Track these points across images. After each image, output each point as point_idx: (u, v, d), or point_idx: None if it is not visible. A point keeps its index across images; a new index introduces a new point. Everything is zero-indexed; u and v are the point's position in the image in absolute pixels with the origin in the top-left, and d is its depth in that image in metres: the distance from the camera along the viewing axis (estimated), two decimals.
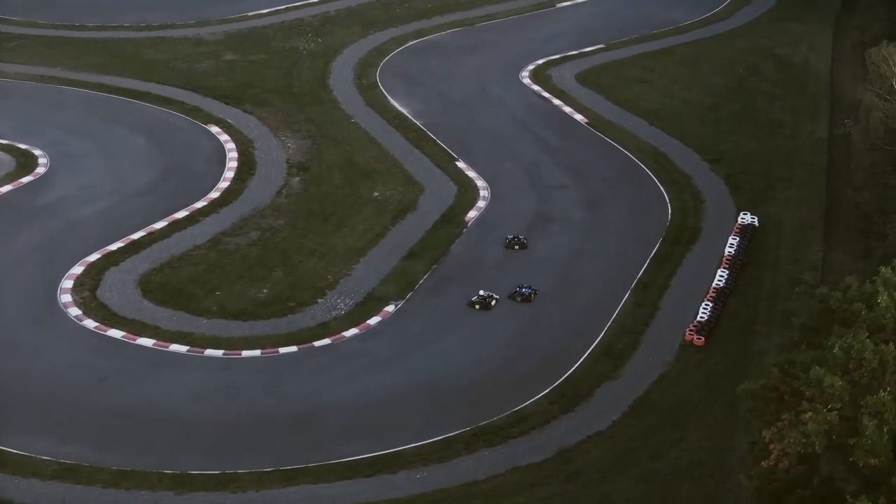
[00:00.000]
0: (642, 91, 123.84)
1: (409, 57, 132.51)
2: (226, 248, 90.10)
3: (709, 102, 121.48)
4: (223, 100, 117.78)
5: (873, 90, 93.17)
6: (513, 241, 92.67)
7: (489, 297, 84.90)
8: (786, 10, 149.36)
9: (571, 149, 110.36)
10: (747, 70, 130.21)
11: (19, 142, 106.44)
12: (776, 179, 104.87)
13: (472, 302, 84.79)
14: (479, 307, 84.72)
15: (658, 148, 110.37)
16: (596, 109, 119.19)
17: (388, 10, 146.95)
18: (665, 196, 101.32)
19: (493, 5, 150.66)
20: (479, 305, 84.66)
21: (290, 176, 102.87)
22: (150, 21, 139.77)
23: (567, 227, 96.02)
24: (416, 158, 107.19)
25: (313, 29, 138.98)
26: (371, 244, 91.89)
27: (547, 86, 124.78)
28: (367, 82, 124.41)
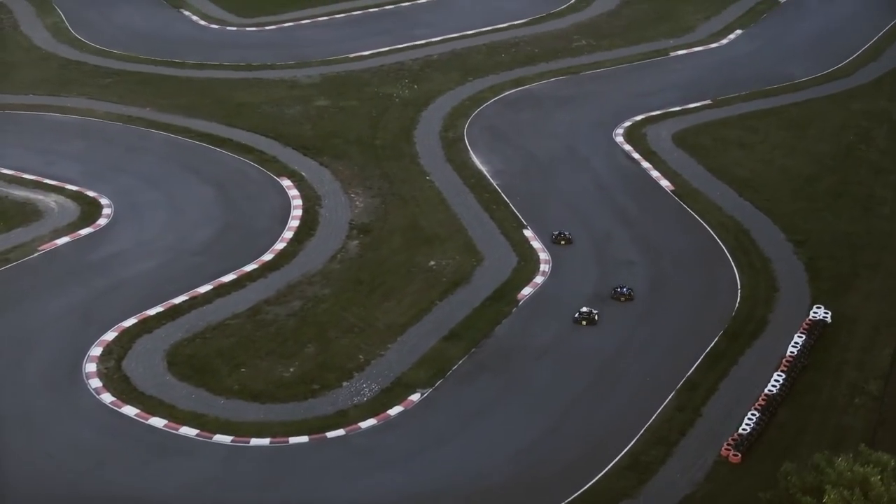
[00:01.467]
0: (740, 156, 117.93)
1: (502, 108, 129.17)
2: (264, 318, 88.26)
3: (808, 172, 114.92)
4: (303, 150, 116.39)
5: None
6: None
7: (590, 312, 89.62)
8: None
9: (649, 220, 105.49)
10: (857, 136, 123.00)
11: (89, 188, 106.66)
12: (862, 266, 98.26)
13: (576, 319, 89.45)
14: (585, 322, 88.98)
15: (742, 224, 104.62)
16: (685, 175, 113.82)
17: (493, 54, 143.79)
18: (737, 281, 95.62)
19: (605, 52, 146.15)
20: (586, 321, 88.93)
21: (350, 239, 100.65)
22: (251, 60, 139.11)
23: (623, 311, 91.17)
24: (483, 224, 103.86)
25: (412, 74, 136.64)
26: (413, 320, 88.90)
27: (639, 146, 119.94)
28: (452, 135, 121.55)
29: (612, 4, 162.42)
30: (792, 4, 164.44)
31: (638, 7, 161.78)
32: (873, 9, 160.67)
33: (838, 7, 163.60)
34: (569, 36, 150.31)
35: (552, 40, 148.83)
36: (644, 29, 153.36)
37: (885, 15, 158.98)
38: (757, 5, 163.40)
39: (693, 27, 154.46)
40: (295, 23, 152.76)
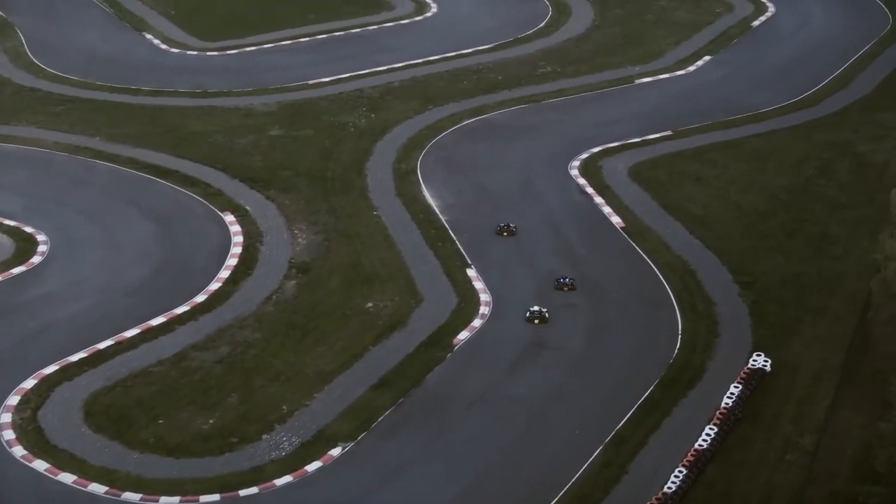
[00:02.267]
0: (695, 191, 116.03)
1: (460, 138, 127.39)
2: (189, 364, 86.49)
3: (763, 208, 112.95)
4: (250, 182, 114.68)
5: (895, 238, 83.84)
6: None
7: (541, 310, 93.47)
8: (883, 98, 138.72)
9: (596, 259, 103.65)
10: (818, 170, 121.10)
11: (27, 224, 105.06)
12: (808, 310, 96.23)
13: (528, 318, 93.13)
14: (537, 321, 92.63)
15: (689, 264, 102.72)
16: (638, 211, 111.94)
17: (455, 81, 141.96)
18: (679, 326, 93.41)
19: (569, 79, 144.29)
20: (538, 319, 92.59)
21: (287, 279, 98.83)
22: (208, 86, 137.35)
23: (559, 358, 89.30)
24: (427, 262, 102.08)
25: (370, 102, 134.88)
26: (343, 367, 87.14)
27: (594, 179, 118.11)
28: (405, 167, 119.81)
29: (581, 28, 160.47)
30: (765, 29, 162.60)
31: (608, 31, 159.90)
32: (848, 34, 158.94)
33: (812, 32, 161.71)
34: (534, 62, 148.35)
35: (517, 66, 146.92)
36: (612, 54, 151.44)
37: (858, 40, 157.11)
38: (729, 29, 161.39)
39: (662, 53, 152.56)
40: (257, 47, 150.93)
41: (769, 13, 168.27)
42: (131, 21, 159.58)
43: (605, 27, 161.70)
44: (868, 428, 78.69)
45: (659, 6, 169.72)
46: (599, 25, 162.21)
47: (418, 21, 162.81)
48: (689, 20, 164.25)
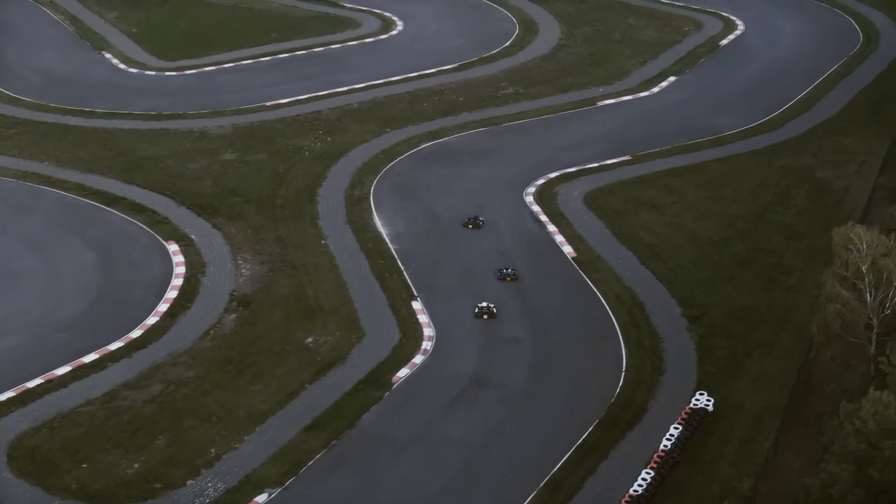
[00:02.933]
0: (650, 219, 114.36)
1: (416, 163, 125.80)
2: (119, 405, 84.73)
3: (718, 237, 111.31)
4: (198, 209, 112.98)
5: (836, 277, 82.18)
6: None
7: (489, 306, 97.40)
8: (847, 121, 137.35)
9: (545, 290, 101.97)
10: (776, 196, 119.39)
11: None
12: (756, 345, 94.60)
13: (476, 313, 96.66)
14: (486, 316, 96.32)
15: (639, 296, 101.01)
16: (591, 240, 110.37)
17: (415, 103, 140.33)
18: (623, 362, 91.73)
19: (531, 101, 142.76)
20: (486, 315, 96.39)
21: (228, 312, 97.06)
22: (164, 108, 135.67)
23: (499, 396, 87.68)
24: (373, 294, 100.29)
25: (327, 125, 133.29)
26: (277, 407, 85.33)
27: (549, 207, 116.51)
28: (358, 193, 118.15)
29: (547, 47, 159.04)
30: (733, 48, 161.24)
31: (574, 51, 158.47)
32: (817, 52, 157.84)
33: (781, 50, 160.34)
34: (497, 83, 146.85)
35: (479, 87, 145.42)
36: (576, 75, 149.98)
37: (827, 59, 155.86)
38: (696, 48, 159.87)
39: (627, 73, 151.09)
40: (217, 66, 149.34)
41: (738, 31, 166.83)
42: (92, 39, 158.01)
43: (572, 46, 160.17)
44: (808, 472, 76.91)
45: (627, 24, 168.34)
46: (566, 44, 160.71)
47: (383, 39, 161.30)
48: (657, 39, 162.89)
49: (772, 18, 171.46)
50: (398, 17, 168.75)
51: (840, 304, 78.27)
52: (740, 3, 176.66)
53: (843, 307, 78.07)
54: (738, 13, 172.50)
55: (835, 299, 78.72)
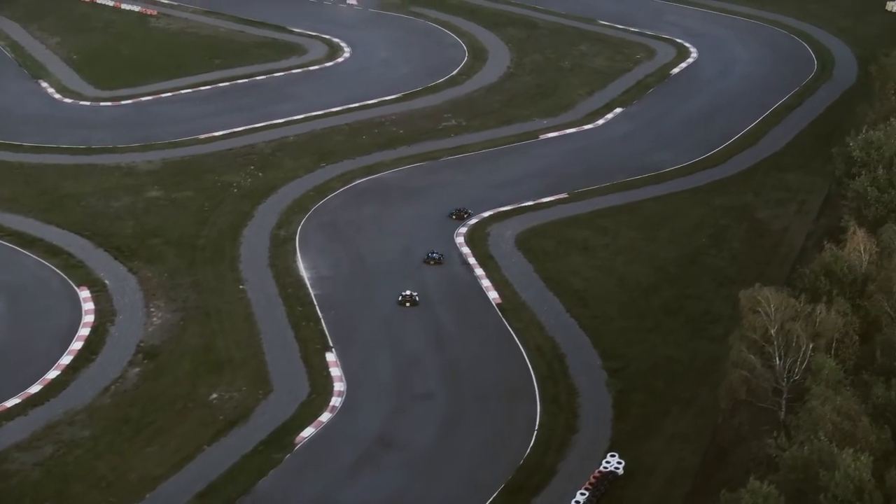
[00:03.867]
0: (580, 262, 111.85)
1: (348, 200, 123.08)
2: (8, 468, 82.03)
3: (647, 282, 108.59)
4: (115, 252, 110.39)
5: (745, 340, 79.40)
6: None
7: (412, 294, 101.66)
8: (792, 156, 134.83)
9: (464, 340, 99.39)
10: (711, 238, 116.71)
11: None
12: (675, 401, 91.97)
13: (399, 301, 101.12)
14: (408, 304, 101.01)
15: (560, 347, 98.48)
16: (518, 285, 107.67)
17: (354, 135, 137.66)
18: (536, 421, 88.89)
19: (473, 134, 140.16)
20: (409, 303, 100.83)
21: (132, 365, 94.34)
22: (95, 141, 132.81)
23: (404, 458, 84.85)
24: (286, 344, 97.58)
25: (261, 159, 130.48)
26: (172, 471, 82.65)
27: (479, 248, 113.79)
28: (284, 234, 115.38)
29: (494, 76, 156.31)
30: (684, 77, 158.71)
31: (521, 80, 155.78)
32: (770, 81, 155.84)
33: (732, 79, 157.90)
34: (440, 114, 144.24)
35: (421, 119, 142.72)
36: (522, 106, 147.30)
37: (779, 90, 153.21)
38: (646, 78, 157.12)
39: (573, 104, 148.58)
40: (154, 96, 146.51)
41: (691, 59, 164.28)
42: (31, 67, 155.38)
43: (520, 75, 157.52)
44: None
45: (579, 52, 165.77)
46: (514, 73, 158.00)
47: (328, 67, 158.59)
48: (607, 68, 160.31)
49: (727, 45, 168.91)
50: (347, 43, 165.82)
51: (745, 370, 75.42)
52: (696, 29, 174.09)
53: (748, 373, 75.17)
54: (692, 39, 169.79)
55: (740, 365, 75.83)
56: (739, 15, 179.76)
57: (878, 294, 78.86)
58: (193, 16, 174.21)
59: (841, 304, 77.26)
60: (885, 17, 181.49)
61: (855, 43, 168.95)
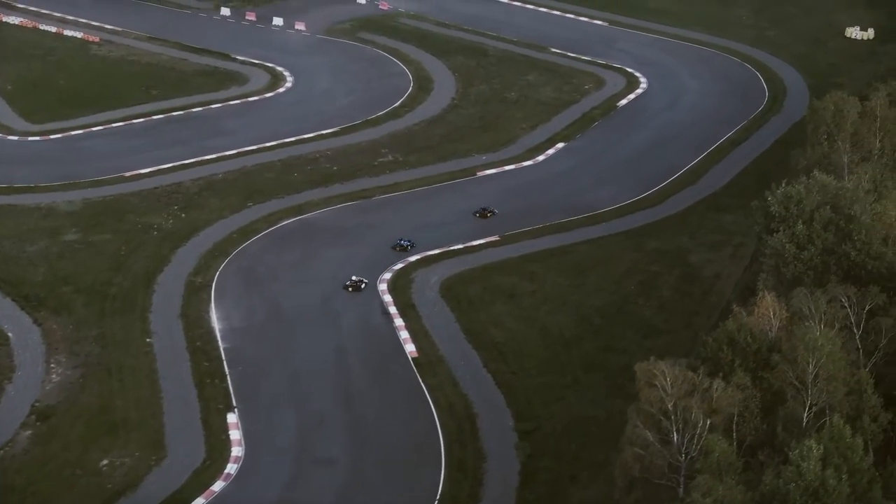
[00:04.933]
0: (504, 311, 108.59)
1: (271, 243, 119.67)
2: None
3: (570, 334, 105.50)
4: (23, 301, 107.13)
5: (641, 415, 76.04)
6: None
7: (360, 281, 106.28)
8: (731, 196, 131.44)
9: (374, 398, 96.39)
10: (641, 285, 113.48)
11: None
12: (585, 465, 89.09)
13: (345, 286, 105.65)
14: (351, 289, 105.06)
15: (473, 405, 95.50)
16: (437, 337, 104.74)
17: (285, 173, 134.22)
18: (439, 488, 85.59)
19: (409, 170, 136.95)
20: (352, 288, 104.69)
21: (24, 427, 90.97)
22: (18, 179, 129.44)
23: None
24: (187, 404, 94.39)
25: (186, 198, 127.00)
26: None
27: (401, 296, 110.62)
28: (201, 281, 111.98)
29: (437, 108, 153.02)
30: (630, 109, 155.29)
31: (465, 112, 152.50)
32: (718, 114, 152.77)
33: (680, 112, 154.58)
34: (377, 149, 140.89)
35: (357, 155, 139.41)
36: (462, 140, 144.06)
37: (727, 123, 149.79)
38: (592, 110, 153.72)
39: (515, 138, 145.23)
40: (85, 130, 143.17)
41: (640, 89, 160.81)
42: None
43: (464, 107, 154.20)
44: None
45: (526, 82, 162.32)
46: (458, 105, 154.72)
47: (268, 98, 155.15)
48: (553, 99, 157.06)
49: (677, 74, 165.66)
50: (291, 71, 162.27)
51: (639, 446, 72.05)
52: (648, 57, 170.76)
53: (642, 450, 71.79)
54: (643, 68, 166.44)
55: (634, 442, 72.48)
56: (694, 42, 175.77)
57: (782, 364, 75.26)
58: (137, 42, 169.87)
59: (741, 378, 73.79)
60: (844, 43, 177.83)
61: (809, 72, 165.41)
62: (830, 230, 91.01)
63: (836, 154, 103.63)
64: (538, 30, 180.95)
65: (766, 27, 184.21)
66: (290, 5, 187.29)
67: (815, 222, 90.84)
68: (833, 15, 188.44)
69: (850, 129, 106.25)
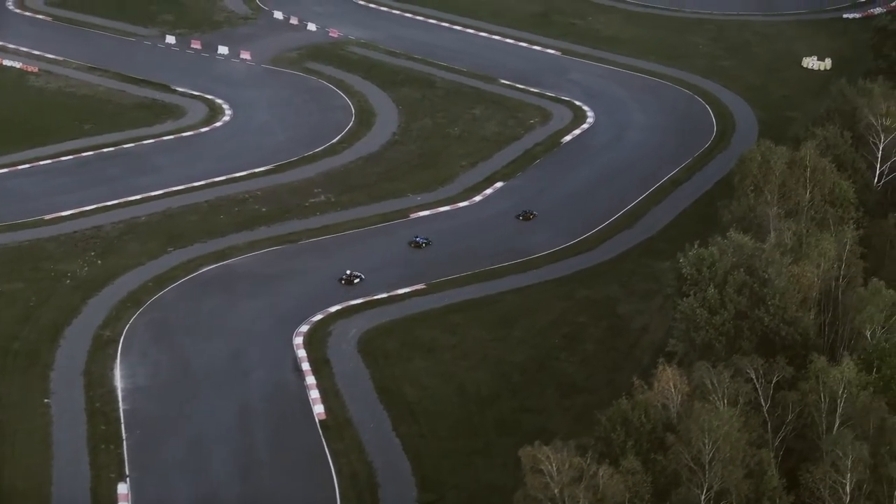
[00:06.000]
0: (421, 367, 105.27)
1: (187, 293, 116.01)
2: None
3: (487, 392, 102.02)
4: None
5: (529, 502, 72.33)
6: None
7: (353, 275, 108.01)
8: (667, 241, 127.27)
9: (275, 467, 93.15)
10: (566, 339, 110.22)
11: None
12: None
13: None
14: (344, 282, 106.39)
15: (376, 474, 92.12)
16: (348, 396, 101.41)
17: (210, 215, 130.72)
18: None
19: (340, 212, 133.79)
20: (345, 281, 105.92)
21: None
22: None
23: None
24: (77, 473, 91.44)
25: (105, 243, 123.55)
26: None
27: (316, 351, 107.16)
28: (109, 334, 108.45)
29: (376, 144, 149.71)
30: (574, 145, 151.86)
31: (404, 149, 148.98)
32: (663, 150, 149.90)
33: (624, 149, 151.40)
34: (310, 189, 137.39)
35: (288, 195, 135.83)
36: (399, 179, 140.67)
37: (670, 161, 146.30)
38: (535, 147, 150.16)
39: (454, 176, 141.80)
40: (11, 168, 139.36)
41: (586, 124, 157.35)
42: None
43: (404, 143, 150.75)
44: None
45: (471, 116, 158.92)
46: (399, 140, 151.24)
47: (203, 133, 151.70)
48: (497, 134, 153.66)
49: (626, 107, 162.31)
50: (230, 104, 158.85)
51: None
52: (598, 89, 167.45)
53: None
54: (591, 101, 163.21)
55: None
56: (646, 73, 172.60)
57: (677, 446, 71.64)
58: (76, 73, 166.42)
59: (631, 463, 70.20)
60: (801, 73, 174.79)
61: (761, 105, 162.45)
62: (744, 294, 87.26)
63: (762, 207, 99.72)
64: (490, 59, 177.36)
65: (722, 56, 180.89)
66: (237, 32, 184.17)
67: (728, 286, 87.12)
68: (792, 43, 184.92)
69: (778, 180, 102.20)
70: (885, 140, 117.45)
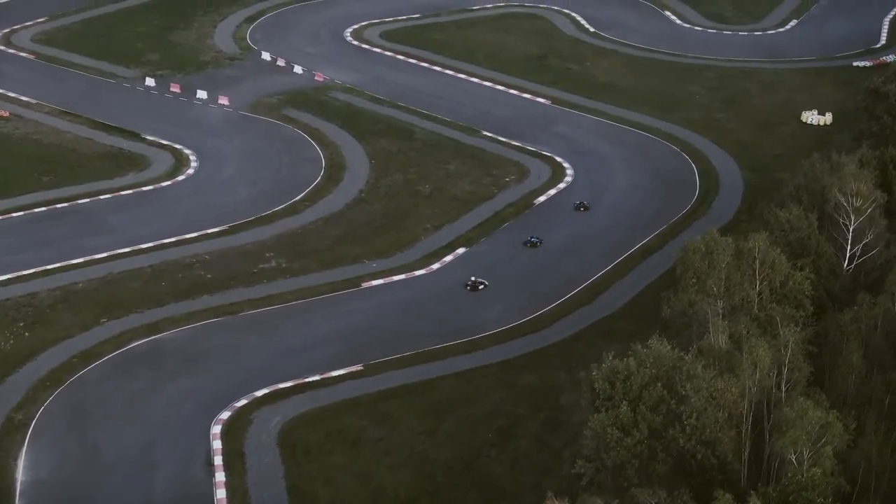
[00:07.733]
0: (340, 465, 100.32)
1: (113, 370, 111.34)
2: None
3: (406, 496, 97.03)
4: None
5: None
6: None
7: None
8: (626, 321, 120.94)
9: None
10: (498, 434, 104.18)
11: None
12: None
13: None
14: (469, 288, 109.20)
15: None
16: (254, 498, 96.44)
17: (153, 282, 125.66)
18: None
19: (290, 279, 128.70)
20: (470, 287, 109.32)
21: None
22: None
23: None
24: None
25: (36, 314, 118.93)
26: None
27: (233, 443, 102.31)
28: (21, 417, 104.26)
29: (340, 203, 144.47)
30: (549, 206, 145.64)
31: (369, 208, 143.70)
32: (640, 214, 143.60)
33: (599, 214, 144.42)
34: (261, 253, 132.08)
35: (237, 260, 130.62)
36: (357, 243, 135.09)
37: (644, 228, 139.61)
38: (506, 208, 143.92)
39: (415, 241, 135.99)
40: None
41: (563, 183, 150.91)
42: None
43: (370, 202, 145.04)
44: None
45: (445, 172, 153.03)
46: (365, 199, 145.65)
47: (163, 188, 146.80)
48: (469, 193, 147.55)
49: (607, 166, 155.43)
50: (198, 155, 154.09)
51: None
52: (581, 144, 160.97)
53: None
54: (573, 158, 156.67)
55: None
56: (636, 126, 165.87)
57: None
58: (47, 117, 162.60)
59: None
60: (798, 129, 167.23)
61: (751, 165, 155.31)
62: (660, 411, 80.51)
63: (701, 304, 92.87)
64: (476, 107, 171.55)
65: (718, 108, 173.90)
66: (221, 74, 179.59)
67: (642, 402, 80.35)
68: (795, 94, 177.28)
69: (723, 273, 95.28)
70: (855, 222, 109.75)
